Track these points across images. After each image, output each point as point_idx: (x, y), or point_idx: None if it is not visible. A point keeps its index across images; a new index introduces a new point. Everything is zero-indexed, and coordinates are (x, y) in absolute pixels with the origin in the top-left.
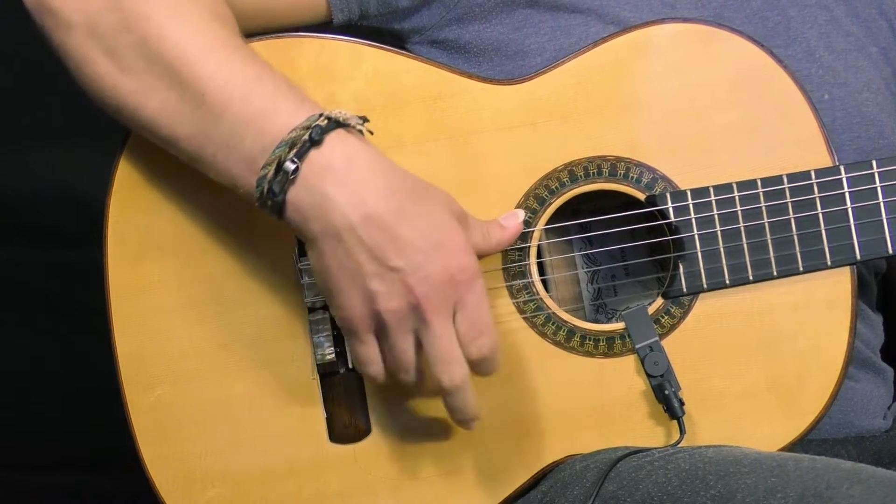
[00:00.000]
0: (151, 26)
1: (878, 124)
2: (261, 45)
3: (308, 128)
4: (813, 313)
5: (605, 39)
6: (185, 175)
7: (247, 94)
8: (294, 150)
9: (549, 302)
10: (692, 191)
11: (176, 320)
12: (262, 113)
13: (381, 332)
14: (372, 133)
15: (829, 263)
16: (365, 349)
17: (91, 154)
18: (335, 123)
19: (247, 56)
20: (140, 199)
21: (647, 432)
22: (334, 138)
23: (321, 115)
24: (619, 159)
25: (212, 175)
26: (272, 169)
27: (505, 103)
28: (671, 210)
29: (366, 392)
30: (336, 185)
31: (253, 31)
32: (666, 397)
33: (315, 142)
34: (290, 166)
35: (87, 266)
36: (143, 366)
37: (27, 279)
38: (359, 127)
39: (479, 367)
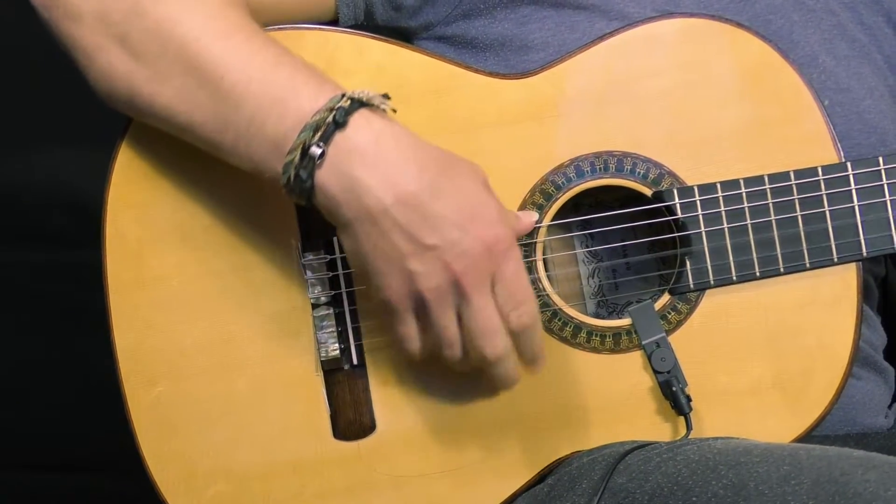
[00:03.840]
0: (164, 10)
1: (879, 132)
2: None
3: (331, 109)
4: (819, 309)
5: (611, 34)
6: (185, 168)
7: (265, 78)
8: (318, 134)
9: (555, 298)
10: (699, 187)
11: (176, 316)
12: (282, 96)
13: (421, 310)
14: (395, 111)
15: (835, 260)
16: (405, 328)
17: (91, 155)
18: (358, 104)
19: (264, 39)
20: (139, 193)
21: (654, 428)
22: (359, 119)
23: (343, 95)
24: (625, 154)
25: (233, 161)
26: (297, 154)
27: (510, 98)
28: (678, 206)
29: (370, 388)
30: (365, 167)
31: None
32: (673, 393)
33: (339, 124)
34: (315, 151)
35: (87, 266)
36: (142, 362)
37: (27, 280)
38: (382, 106)
39: (520, 338)
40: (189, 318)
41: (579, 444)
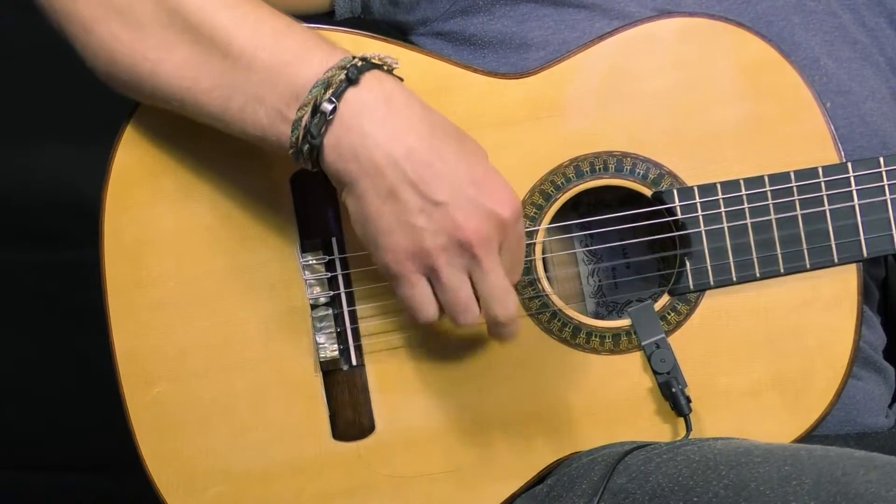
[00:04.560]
0: None
1: (881, 134)
2: None
3: (344, 68)
4: (819, 310)
5: (610, 33)
6: (183, 169)
7: (276, 42)
8: (331, 91)
9: (554, 298)
10: (699, 187)
11: (175, 316)
12: (293, 60)
13: (431, 272)
14: (402, 80)
15: (835, 260)
16: (413, 291)
17: (91, 154)
18: (370, 64)
19: (272, 10)
20: (137, 192)
21: (654, 429)
22: (370, 78)
23: (355, 56)
24: (625, 154)
25: (236, 129)
26: (308, 111)
27: (509, 98)
28: (678, 206)
29: (369, 389)
30: (375, 123)
31: None
32: (672, 394)
33: (352, 81)
34: (327, 106)
35: (87, 266)
36: (141, 363)
37: (27, 279)
38: (394, 66)
39: None
40: (188, 319)
41: (579, 444)
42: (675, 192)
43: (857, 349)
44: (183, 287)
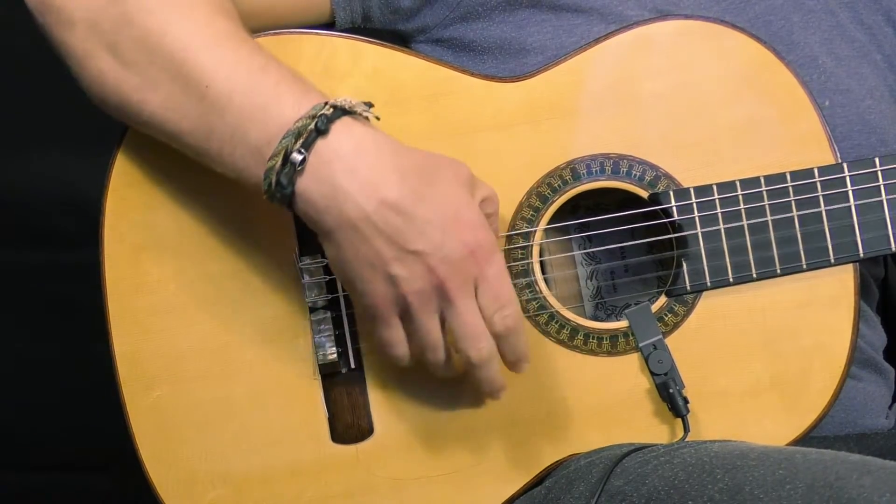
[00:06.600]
0: (154, 20)
1: (879, 132)
2: (261, 42)
3: (314, 117)
4: (816, 310)
5: (607, 36)
6: (183, 172)
7: (251, 86)
8: (300, 141)
9: (552, 300)
10: (695, 188)
11: (174, 320)
12: (266, 104)
13: (405, 314)
14: (378, 118)
15: (832, 261)
16: (390, 332)
17: (91, 155)
18: (341, 111)
19: (252, 48)
20: (137, 196)
21: (651, 430)
22: (340, 126)
23: (326, 103)
24: (621, 157)
25: (217, 169)
26: (279, 160)
27: (507, 101)
28: (674, 208)
29: (368, 391)
30: (346, 174)
31: (256, 30)
32: (670, 395)
33: (321, 131)
34: (297, 157)
35: (87, 266)
36: (141, 366)
37: (27, 280)
38: (365, 113)
39: (505, 341)
40: (187, 323)
41: (577, 446)
42: (672, 193)
43: (854, 349)
44: (182, 291)
